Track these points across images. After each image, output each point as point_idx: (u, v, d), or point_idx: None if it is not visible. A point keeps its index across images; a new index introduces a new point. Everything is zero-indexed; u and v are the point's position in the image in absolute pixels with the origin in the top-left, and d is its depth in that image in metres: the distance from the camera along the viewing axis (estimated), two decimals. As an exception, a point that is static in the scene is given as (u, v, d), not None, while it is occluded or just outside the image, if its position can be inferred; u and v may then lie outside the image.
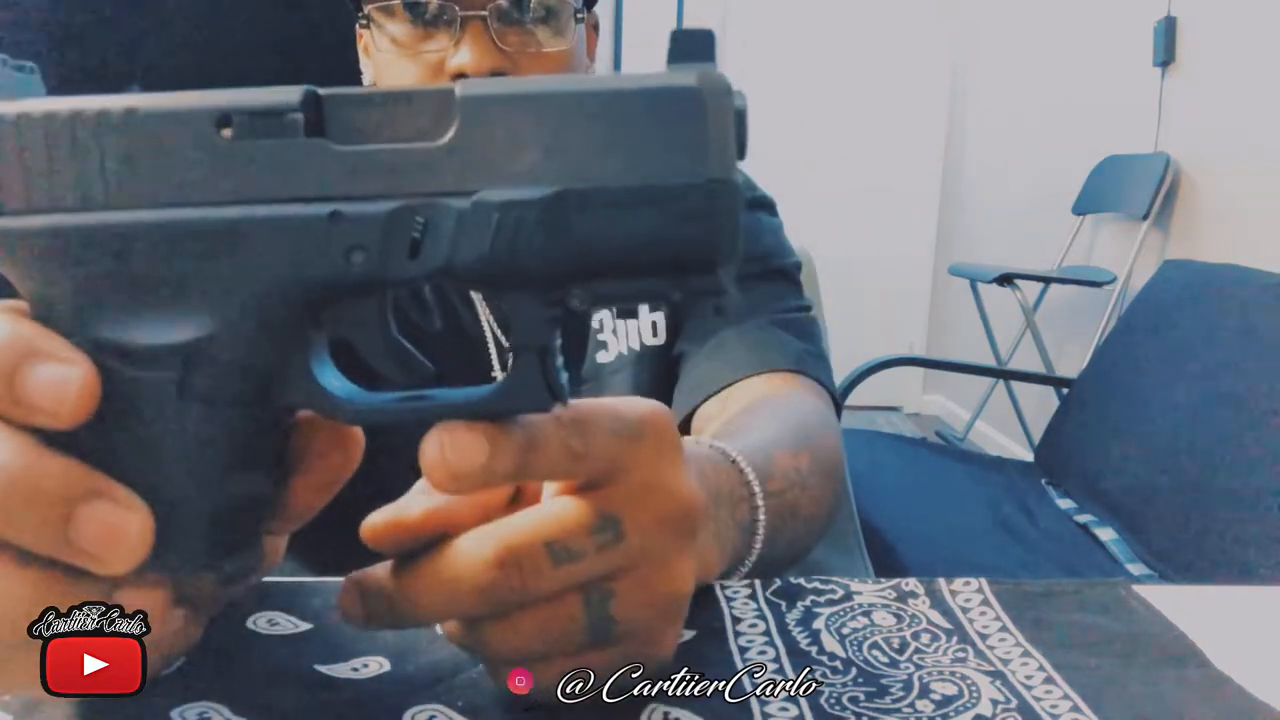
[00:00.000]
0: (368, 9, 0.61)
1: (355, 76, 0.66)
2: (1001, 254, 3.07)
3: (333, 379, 0.26)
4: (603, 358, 0.68)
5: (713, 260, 0.24)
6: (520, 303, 0.25)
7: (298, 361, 0.25)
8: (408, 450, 0.26)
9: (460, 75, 0.57)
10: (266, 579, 0.42)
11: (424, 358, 0.27)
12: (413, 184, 0.23)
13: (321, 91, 0.24)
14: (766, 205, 0.78)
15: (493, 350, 0.66)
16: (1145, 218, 2.31)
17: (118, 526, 0.23)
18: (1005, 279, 2.55)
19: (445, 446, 0.25)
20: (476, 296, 0.65)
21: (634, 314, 0.69)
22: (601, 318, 0.69)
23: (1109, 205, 2.53)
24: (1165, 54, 2.34)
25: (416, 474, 0.26)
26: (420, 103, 0.24)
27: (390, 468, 0.35)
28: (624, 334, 0.69)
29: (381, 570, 0.28)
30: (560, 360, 0.27)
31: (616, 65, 3.21)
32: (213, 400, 0.24)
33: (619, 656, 0.30)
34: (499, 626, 0.28)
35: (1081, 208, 2.66)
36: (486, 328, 0.66)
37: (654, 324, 0.69)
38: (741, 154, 0.24)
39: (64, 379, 0.23)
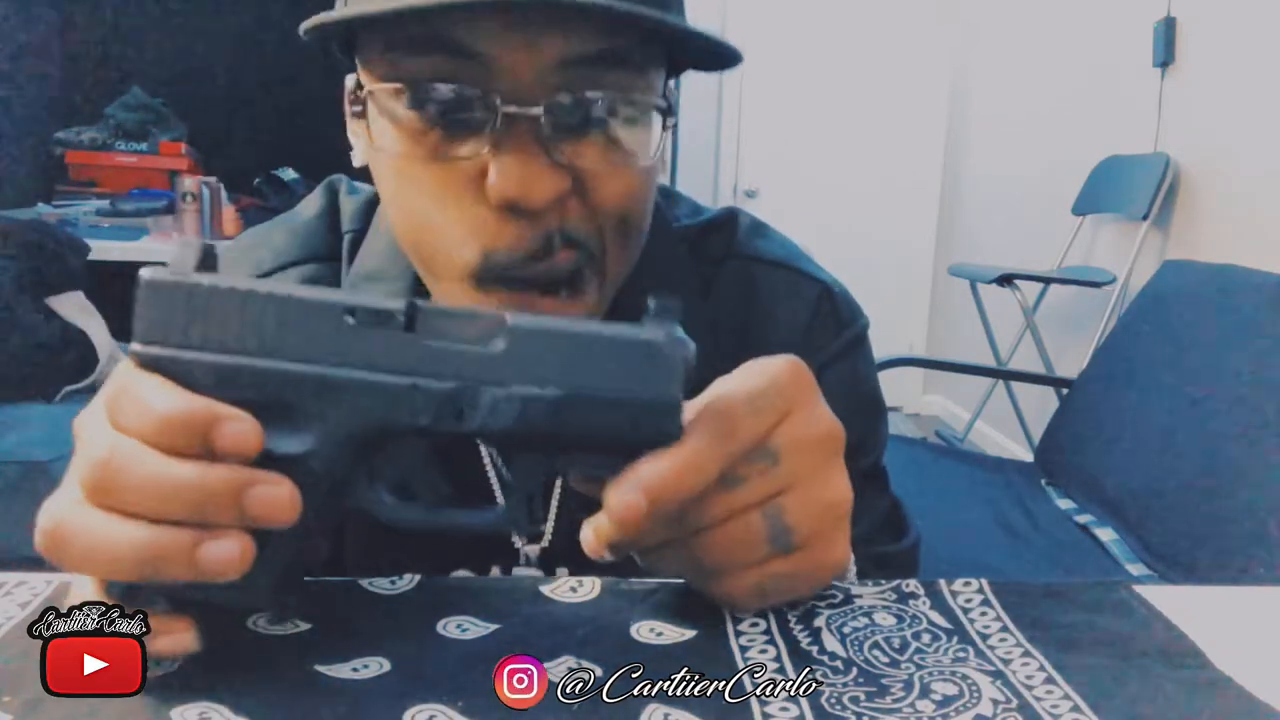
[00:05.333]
0: (372, 88, 0.45)
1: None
2: (1001, 254, 3.07)
3: (383, 491, 0.37)
4: None
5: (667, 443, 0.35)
6: (524, 460, 0.36)
7: (363, 476, 0.36)
8: None
9: (508, 203, 0.43)
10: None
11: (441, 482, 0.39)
12: (467, 373, 0.34)
13: (419, 303, 0.35)
14: (856, 348, 0.66)
15: (489, 467, 0.60)
16: (1145, 218, 2.31)
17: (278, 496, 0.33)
18: (1005, 279, 2.55)
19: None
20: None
21: None
22: None
23: (1109, 205, 2.53)
24: (1165, 54, 2.35)
25: None
26: (483, 320, 0.35)
27: None
28: None
29: (601, 516, 0.36)
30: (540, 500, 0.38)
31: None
32: (304, 492, 0.34)
33: (802, 564, 0.38)
34: (699, 542, 0.37)
35: (1081, 208, 2.66)
36: (488, 463, 0.60)
37: None
38: (688, 394, 0.35)
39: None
